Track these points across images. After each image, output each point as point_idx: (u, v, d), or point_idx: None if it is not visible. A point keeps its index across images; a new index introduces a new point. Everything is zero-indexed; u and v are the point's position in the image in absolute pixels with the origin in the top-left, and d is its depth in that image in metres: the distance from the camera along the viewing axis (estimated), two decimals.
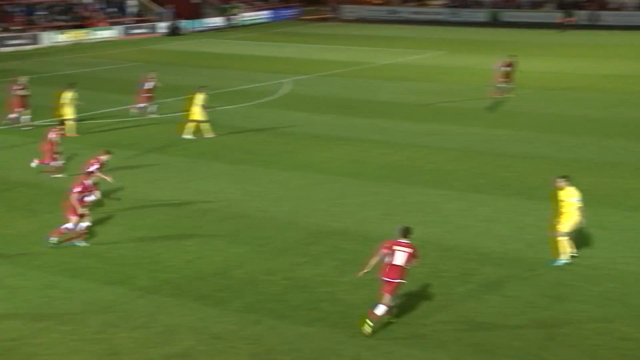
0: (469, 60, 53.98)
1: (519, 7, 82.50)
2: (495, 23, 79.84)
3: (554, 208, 19.69)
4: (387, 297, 15.85)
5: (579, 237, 20.67)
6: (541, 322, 16.29)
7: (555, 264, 18.98)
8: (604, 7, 78.64)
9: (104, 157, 23.50)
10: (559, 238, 18.96)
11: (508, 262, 19.43)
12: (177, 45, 68.06)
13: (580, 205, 18.73)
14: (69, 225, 20.49)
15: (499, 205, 23.56)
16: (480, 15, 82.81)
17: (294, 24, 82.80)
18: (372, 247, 20.64)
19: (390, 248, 16.15)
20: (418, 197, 24.62)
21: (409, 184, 26.14)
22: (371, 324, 15.67)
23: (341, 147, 31.06)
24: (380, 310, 15.77)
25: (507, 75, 39.72)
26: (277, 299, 17.53)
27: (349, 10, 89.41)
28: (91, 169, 22.83)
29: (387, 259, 16.07)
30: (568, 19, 71.94)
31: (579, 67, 49.94)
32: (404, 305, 16.87)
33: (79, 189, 20.64)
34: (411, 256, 16.05)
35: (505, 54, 42.83)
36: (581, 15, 75.58)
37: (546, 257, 19.42)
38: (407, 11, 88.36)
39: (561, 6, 75.16)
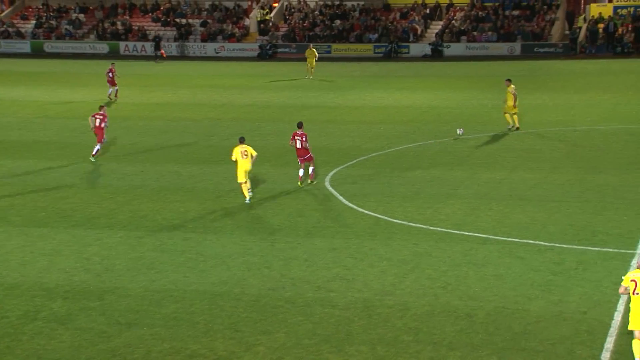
0: (14, 92, 52.46)
1: (60, 38, 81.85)
2: (38, 54, 78.57)
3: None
4: (309, 165, 28.22)
5: (143, 264, 21.22)
6: (113, 351, 16.44)
7: (247, 201, 26.53)
8: (144, 38, 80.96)
9: None
10: (243, 185, 26.52)
11: (75, 294, 19.31)
12: None
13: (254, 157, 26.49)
14: None
15: (61, 237, 23.30)
16: (23, 46, 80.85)
17: None
18: None
19: (293, 138, 27.80)
20: None
21: None
22: (312, 181, 28.64)
23: None
24: (311, 172, 28.45)
25: (113, 81, 48.46)
26: None
27: None
28: None
29: (294, 145, 27.84)
30: (161, 51, 72.86)
31: (127, 95, 50.87)
32: None
33: None
34: (305, 140, 27.72)
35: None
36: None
37: (118, 285, 19.67)
38: None
39: (154, 39, 76.15)
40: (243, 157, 26.40)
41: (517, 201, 26.29)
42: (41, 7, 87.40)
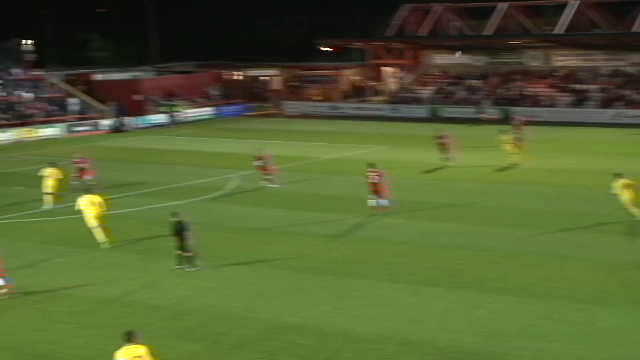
0: (411, 154, 54.73)
1: (456, 103, 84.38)
2: (434, 118, 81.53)
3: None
4: (384, 198, 34.36)
5: (533, 331, 20.80)
6: None
7: None
8: (538, 103, 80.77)
9: None
10: None
11: (465, 355, 19.41)
12: (121, 142, 67.97)
13: None
14: None
15: (452, 298, 23.64)
16: (420, 111, 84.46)
17: (237, 121, 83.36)
18: (329, 342, 20.56)
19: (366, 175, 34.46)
20: (370, 291, 24.60)
21: (360, 277, 26.15)
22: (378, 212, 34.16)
23: (291, 241, 31.07)
24: (384, 203, 34.25)
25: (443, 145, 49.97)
26: None
27: (291, 106, 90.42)
28: None
29: (370, 181, 34.32)
30: (489, 115, 73.81)
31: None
32: None
33: None
34: (380, 176, 34.34)
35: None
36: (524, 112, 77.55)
37: (507, 351, 19.50)
38: (348, 107, 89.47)
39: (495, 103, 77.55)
40: None
41: None
42: (438, 74, 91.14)
